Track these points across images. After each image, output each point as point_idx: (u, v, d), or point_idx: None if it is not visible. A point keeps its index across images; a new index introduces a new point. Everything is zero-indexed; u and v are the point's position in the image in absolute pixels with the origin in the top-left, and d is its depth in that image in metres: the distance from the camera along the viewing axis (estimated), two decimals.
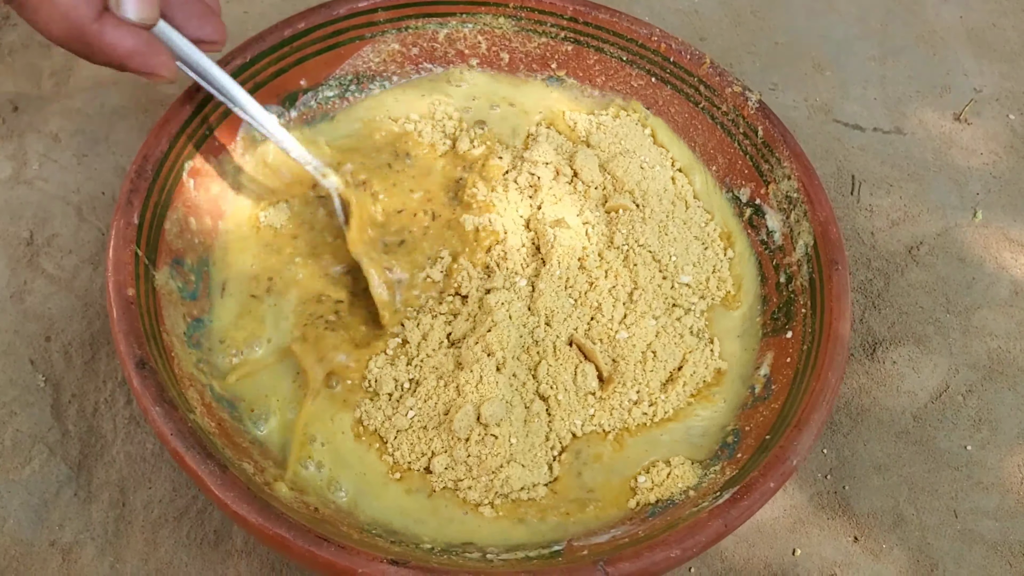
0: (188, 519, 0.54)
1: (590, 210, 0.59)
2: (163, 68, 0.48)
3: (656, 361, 0.54)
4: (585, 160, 0.60)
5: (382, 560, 0.41)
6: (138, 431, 0.57)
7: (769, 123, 0.58)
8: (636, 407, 0.53)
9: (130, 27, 0.46)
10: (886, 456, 0.60)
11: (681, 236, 0.59)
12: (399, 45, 0.64)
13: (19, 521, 0.53)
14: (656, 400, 0.54)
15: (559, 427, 0.52)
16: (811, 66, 0.80)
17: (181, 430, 0.44)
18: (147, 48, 0.47)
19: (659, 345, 0.55)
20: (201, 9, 0.52)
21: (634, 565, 0.42)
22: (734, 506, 0.44)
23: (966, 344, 0.65)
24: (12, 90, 0.71)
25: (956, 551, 0.56)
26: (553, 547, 0.47)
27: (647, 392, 0.54)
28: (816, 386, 0.48)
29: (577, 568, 0.42)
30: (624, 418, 0.53)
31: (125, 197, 0.52)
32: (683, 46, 0.61)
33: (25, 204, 0.65)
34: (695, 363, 0.55)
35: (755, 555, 0.55)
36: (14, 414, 0.57)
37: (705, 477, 0.50)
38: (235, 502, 0.42)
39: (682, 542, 0.43)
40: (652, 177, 0.60)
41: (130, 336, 0.47)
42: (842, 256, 0.53)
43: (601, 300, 0.55)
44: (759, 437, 0.49)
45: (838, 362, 0.49)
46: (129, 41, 0.46)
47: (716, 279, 0.58)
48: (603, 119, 0.63)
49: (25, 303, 0.61)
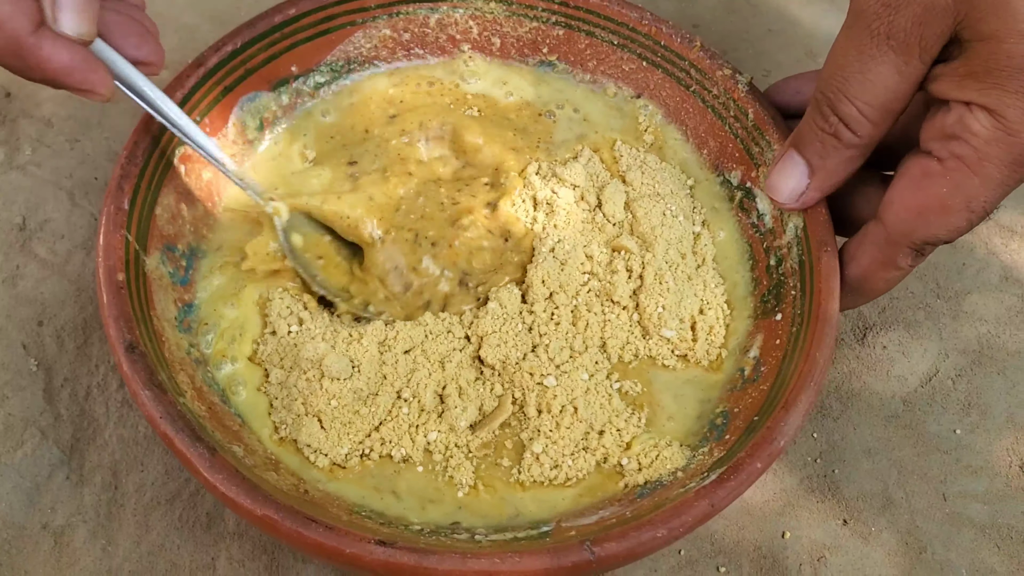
0: (180, 502, 0.54)
1: (597, 245, 0.57)
2: (100, 85, 0.47)
3: (574, 418, 0.52)
4: (613, 194, 0.59)
5: (369, 540, 0.41)
6: (130, 414, 0.57)
7: (759, 106, 0.58)
8: (537, 462, 0.51)
9: (67, 42, 0.45)
10: (876, 440, 0.60)
11: (678, 290, 0.56)
12: (390, 31, 0.64)
13: (11, 504, 0.54)
14: (561, 464, 0.51)
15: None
16: (804, 53, 0.80)
17: (170, 413, 0.44)
18: (84, 64, 0.46)
19: (583, 403, 0.52)
20: (139, 29, 0.51)
21: (620, 545, 0.42)
22: (721, 486, 0.44)
23: (956, 329, 0.65)
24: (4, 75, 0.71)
25: (945, 534, 0.57)
26: (541, 528, 0.48)
27: (554, 450, 0.51)
28: (804, 367, 0.48)
29: (564, 548, 0.42)
30: (524, 470, 0.51)
31: (116, 182, 0.52)
32: (674, 29, 0.61)
33: (18, 189, 0.65)
34: (613, 433, 0.52)
35: (745, 537, 0.56)
36: (6, 398, 0.57)
37: (694, 458, 0.50)
38: (224, 484, 0.42)
39: (668, 522, 0.43)
40: (670, 226, 0.58)
41: (119, 320, 0.47)
42: (831, 238, 0.53)
43: (552, 338, 0.54)
44: (747, 418, 0.49)
45: (827, 343, 0.49)
46: (66, 56, 0.45)
47: (707, 343, 0.56)
48: (649, 158, 0.62)
49: (17, 288, 0.61)
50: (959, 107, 0.46)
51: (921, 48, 0.45)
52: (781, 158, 0.53)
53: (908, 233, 0.48)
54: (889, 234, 0.49)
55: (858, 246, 0.51)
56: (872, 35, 0.46)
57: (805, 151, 0.52)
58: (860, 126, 0.48)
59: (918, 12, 0.44)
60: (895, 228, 0.49)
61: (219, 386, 0.52)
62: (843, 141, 0.49)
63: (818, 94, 0.50)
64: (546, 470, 0.51)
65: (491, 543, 0.46)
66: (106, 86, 0.47)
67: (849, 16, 0.48)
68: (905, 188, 0.48)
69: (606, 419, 0.52)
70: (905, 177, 0.49)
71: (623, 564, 0.44)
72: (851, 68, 0.47)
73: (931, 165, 0.47)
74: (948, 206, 0.47)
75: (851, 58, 0.47)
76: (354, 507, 0.48)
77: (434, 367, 0.52)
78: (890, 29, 0.45)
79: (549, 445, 0.51)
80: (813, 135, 0.51)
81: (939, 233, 0.48)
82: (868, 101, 0.47)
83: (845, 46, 0.48)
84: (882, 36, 0.46)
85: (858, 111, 0.48)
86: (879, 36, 0.46)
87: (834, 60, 0.49)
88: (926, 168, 0.47)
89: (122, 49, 0.50)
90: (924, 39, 0.45)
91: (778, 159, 0.54)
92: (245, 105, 0.60)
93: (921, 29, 0.45)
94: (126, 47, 0.50)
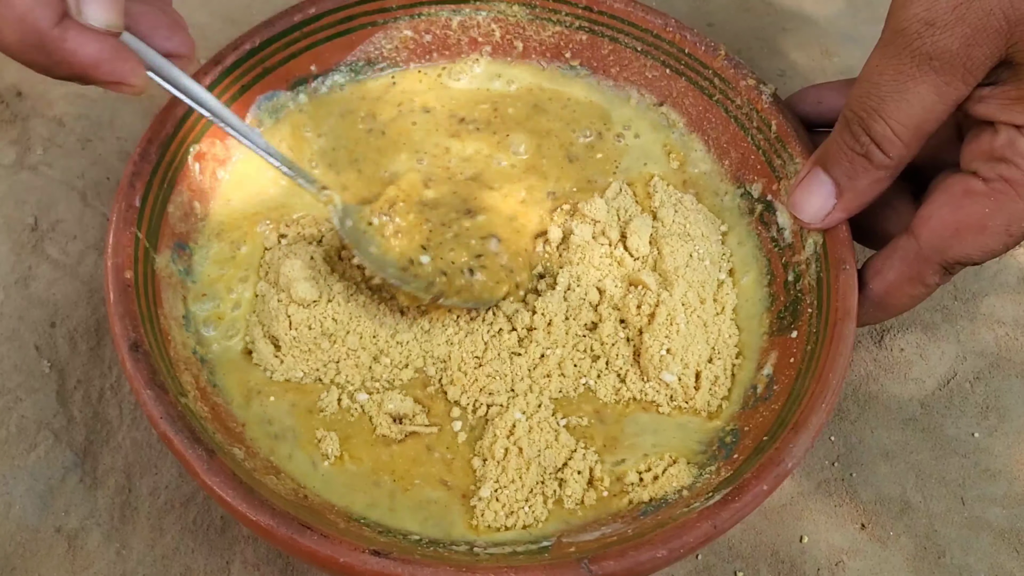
0: (195, 505, 0.54)
1: (611, 280, 0.56)
2: (132, 75, 0.45)
3: (520, 459, 0.50)
4: (640, 227, 0.58)
5: (364, 550, 0.41)
6: (144, 417, 0.56)
7: (783, 117, 0.57)
8: (484, 504, 0.49)
9: (94, 33, 0.43)
10: (893, 443, 0.59)
11: (688, 333, 0.54)
12: (412, 32, 0.63)
13: (24, 507, 0.53)
14: (518, 512, 0.49)
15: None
16: (819, 52, 0.79)
17: (171, 414, 0.44)
18: (113, 55, 0.44)
19: (526, 442, 0.50)
20: (168, 21, 0.49)
21: (619, 564, 0.41)
22: (724, 508, 0.43)
23: (974, 331, 0.64)
24: (16, 74, 0.71)
25: (963, 538, 0.56)
26: (542, 543, 0.47)
27: (504, 494, 0.49)
28: (816, 388, 0.47)
29: (561, 565, 0.41)
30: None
31: (127, 180, 0.51)
32: (698, 37, 0.61)
33: (29, 189, 0.65)
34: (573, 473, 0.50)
35: (762, 542, 0.55)
36: (19, 400, 0.57)
37: (700, 477, 0.49)
38: (220, 487, 0.42)
39: (668, 543, 0.42)
40: (695, 268, 0.57)
41: (125, 318, 0.47)
42: (851, 256, 0.52)
43: (529, 370, 0.53)
44: (757, 438, 0.49)
45: (840, 364, 0.48)
46: (93, 47, 0.43)
47: (709, 394, 0.54)
48: (686, 199, 0.60)
49: (30, 289, 0.61)
50: (1009, 130, 0.45)
51: (966, 70, 0.44)
52: (806, 175, 0.52)
53: (942, 250, 0.48)
54: (921, 249, 0.48)
55: (885, 260, 0.50)
56: (913, 54, 0.45)
57: (833, 170, 0.51)
58: (892, 147, 0.48)
59: (967, 33, 0.43)
60: (929, 244, 0.48)
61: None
62: (874, 162, 0.49)
63: (849, 112, 0.49)
64: (500, 517, 0.49)
65: (489, 556, 0.45)
66: (139, 76, 0.46)
67: (887, 33, 0.47)
68: (944, 205, 0.48)
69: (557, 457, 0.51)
70: (945, 194, 0.48)
71: None
72: (887, 87, 0.46)
73: (974, 185, 0.47)
74: (987, 227, 0.46)
75: (888, 77, 0.46)
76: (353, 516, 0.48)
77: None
78: (933, 49, 0.44)
79: (499, 490, 0.49)
80: (842, 154, 0.50)
81: (972, 253, 0.47)
82: (903, 122, 0.47)
83: (881, 65, 0.47)
84: (924, 56, 0.45)
85: (892, 132, 0.47)
86: (920, 56, 0.45)
87: (869, 78, 0.47)
88: (968, 187, 0.47)
89: (151, 41, 0.48)
90: (971, 60, 0.44)
91: (803, 176, 0.53)
92: (263, 104, 0.60)
93: (969, 50, 0.44)
94: (156, 39, 0.49)
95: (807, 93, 0.58)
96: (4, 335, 0.59)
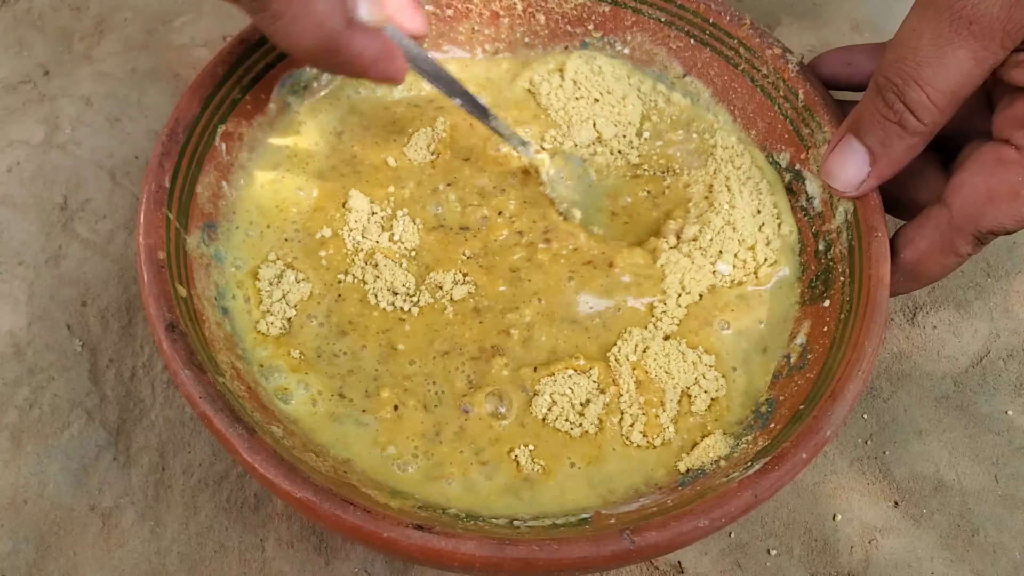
0: (228, 483, 0.54)
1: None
2: (400, 72, 0.50)
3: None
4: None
5: (407, 525, 0.41)
6: (176, 395, 0.57)
7: (810, 86, 0.56)
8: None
9: (372, 32, 0.47)
10: (926, 421, 0.59)
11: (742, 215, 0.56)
12: (433, 6, 0.63)
13: (59, 486, 0.54)
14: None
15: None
16: (849, 27, 0.79)
17: (210, 393, 0.44)
18: (388, 52, 0.48)
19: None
20: (410, 2, 0.52)
21: (661, 535, 0.41)
22: (764, 477, 0.43)
23: (1007, 308, 0.64)
24: (43, 54, 0.71)
25: (997, 516, 0.56)
26: (581, 515, 0.47)
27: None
28: (852, 356, 0.47)
29: (603, 536, 0.41)
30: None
31: (156, 160, 0.51)
32: (723, 7, 0.60)
33: (58, 169, 0.65)
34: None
35: (795, 520, 0.55)
36: (52, 379, 0.57)
37: (737, 447, 0.49)
38: (262, 465, 0.42)
39: (710, 512, 0.42)
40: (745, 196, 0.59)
41: (160, 299, 0.47)
42: (882, 223, 0.51)
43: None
44: (793, 407, 0.48)
45: (875, 331, 0.48)
46: (374, 47, 0.47)
47: (765, 251, 0.56)
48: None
49: (60, 268, 0.61)
50: None
51: (1005, 33, 0.43)
52: (838, 143, 0.52)
53: (975, 219, 0.47)
54: (953, 218, 0.48)
55: (917, 229, 0.50)
56: (952, 18, 0.44)
57: (866, 138, 0.50)
58: (928, 114, 0.47)
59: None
60: (961, 212, 0.47)
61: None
62: (908, 129, 0.48)
63: (881, 79, 0.48)
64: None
65: (529, 529, 0.45)
66: (404, 72, 0.50)
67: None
68: (977, 173, 0.47)
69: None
70: (978, 162, 0.47)
71: (663, 553, 0.43)
72: (924, 52, 0.46)
73: (1008, 153, 0.46)
74: (1020, 195, 0.46)
75: (926, 41, 0.45)
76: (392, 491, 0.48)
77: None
78: (974, 13, 0.43)
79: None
80: (875, 121, 0.49)
81: (1006, 222, 0.46)
82: (940, 88, 0.46)
83: (919, 28, 0.46)
84: (963, 20, 0.44)
85: (928, 98, 0.46)
86: (960, 20, 0.44)
87: (905, 43, 0.47)
88: (1001, 155, 0.46)
89: (402, 25, 0.52)
90: (1011, 24, 0.43)
91: (835, 144, 0.52)
92: (286, 82, 0.59)
93: (1010, 13, 0.43)
94: (405, 22, 0.52)
95: (835, 54, 0.57)
96: (36, 314, 0.59)
